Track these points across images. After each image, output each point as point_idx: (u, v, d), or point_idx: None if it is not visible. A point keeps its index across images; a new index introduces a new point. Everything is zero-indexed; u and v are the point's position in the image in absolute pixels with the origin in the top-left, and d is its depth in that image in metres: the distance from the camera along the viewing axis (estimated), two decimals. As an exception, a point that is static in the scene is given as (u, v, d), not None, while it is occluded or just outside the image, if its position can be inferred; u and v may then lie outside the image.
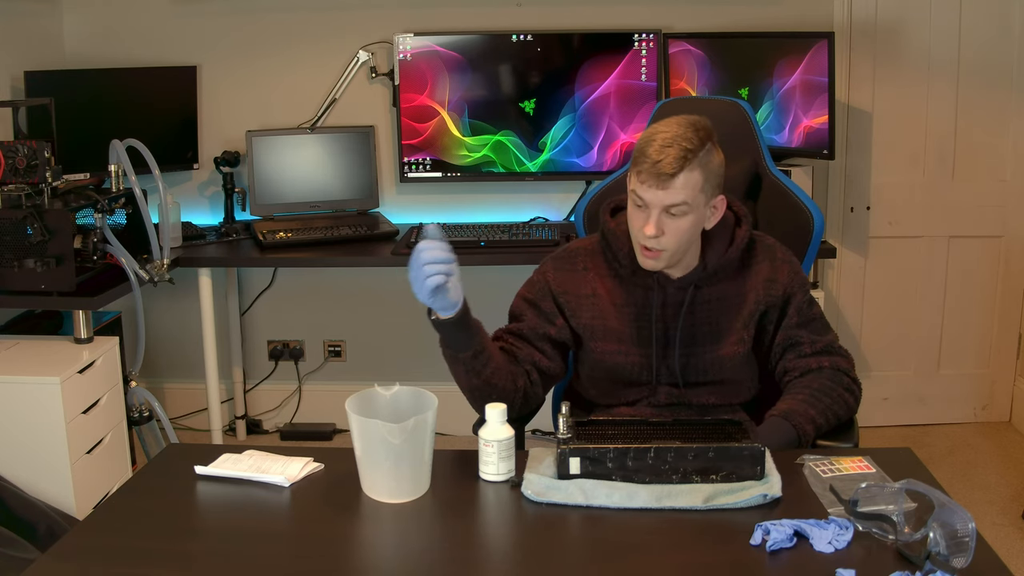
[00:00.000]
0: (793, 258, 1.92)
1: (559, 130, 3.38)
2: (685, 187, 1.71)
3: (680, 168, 1.70)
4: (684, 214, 1.74)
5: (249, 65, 3.52)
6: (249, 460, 1.67)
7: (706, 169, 1.73)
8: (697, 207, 1.75)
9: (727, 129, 2.18)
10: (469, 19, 3.42)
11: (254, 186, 3.40)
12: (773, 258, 1.89)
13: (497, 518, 1.55)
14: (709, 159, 1.74)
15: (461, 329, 1.73)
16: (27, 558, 2.15)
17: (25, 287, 2.57)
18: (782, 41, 3.18)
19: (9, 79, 3.17)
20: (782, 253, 1.91)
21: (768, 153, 2.20)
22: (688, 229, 1.76)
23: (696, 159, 1.71)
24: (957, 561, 1.27)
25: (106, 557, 1.41)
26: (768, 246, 1.91)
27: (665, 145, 1.70)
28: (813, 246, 2.14)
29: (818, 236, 2.13)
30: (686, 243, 1.79)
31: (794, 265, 1.91)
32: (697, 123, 1.75)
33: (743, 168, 2.16)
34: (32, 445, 2.45)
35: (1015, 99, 3.41)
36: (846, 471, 1.55)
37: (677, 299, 1.86)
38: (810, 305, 1.90)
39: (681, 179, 1.71)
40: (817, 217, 2.11)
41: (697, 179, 1.72)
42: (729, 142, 2.15)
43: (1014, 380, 3.65)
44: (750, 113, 2.20)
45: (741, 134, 2.19)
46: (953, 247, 3.56)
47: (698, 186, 1.73)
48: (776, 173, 2.17)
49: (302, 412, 3.77)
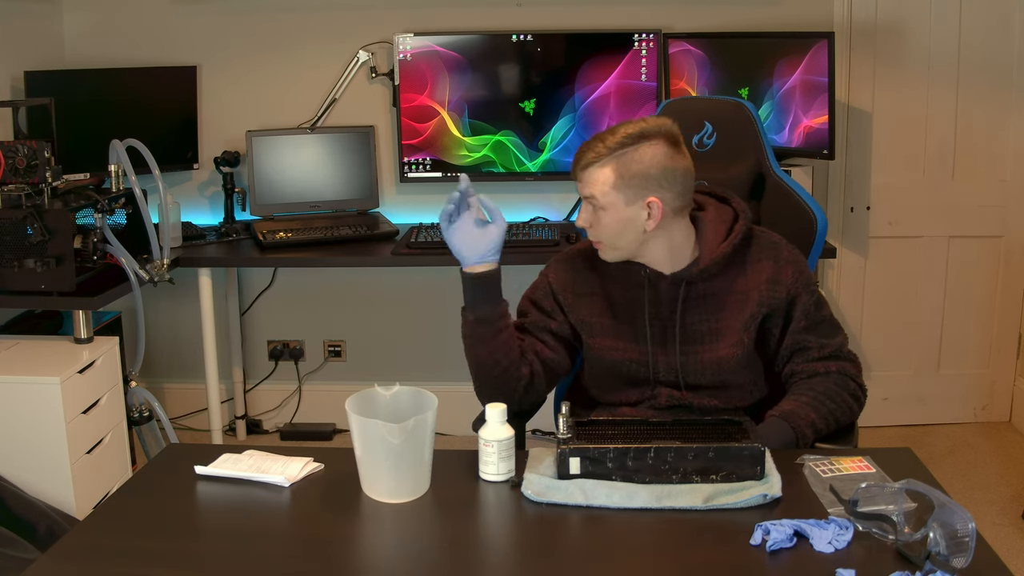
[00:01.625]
0: (799, 257, 1.89)
1: (559, 130, 3.38)
2: (594, 182, 1.78)
3: (588, 163, 1.78)
4: (601, 208, 1.79)
5: (249, 65, 3.52)
6: (249, 460, 1.67)
7: (624, 169, 1.75)
8: (612, 205, 1.77)
9: (730, 129, 2.19)
10: (469, 19, 3.42)
11: (254, 186, 3.40)
12: (777, 257, 1.86)
13: (497, 518, 1.55)
14: (630, 159, 1.75)
15: (481, 288, 1.82)
16: (27, 558, 2.15)
17: (25, 287, 2.57)
18: (782, 41, 3.18)
19: (9, 79, 3.17)
20: (787, 252, 1.88)
21: (772, 153, 2.19)
22: (611, 225, 1.79)
23: (609, 156, 1.76)
24: (957, 561, 1.27)
25: (106, 557, 1.41)
26: (772, 244, 1.88)
27: (589, 141, 1.79)
28: (816, 246, 2.12)
29: (821, 237, 2.11)
30: (618, 238, 1.81)
31: (799, 265, 1.87)
32: (639, 124, 1.78)
33: (746, 168, 2.16)
34: (32, 445, 2.45)
35: (1015, 99, 3.41)
36: (846, 471, 1.55)
37: (670, 296, 1.86)
38: (818, 307, 1.87)
39: (589, 174, 1.78)
40: (820, 218, 2.10)
41: (607, 176, 1.76)
42: (732, 142, 2.17)
43: (1014, 380, 3.65)
44: (754, 113, 2.19)
45: (744, 134, 2.18)
46: (953, 247, 3.56)
47: (608, 183, 1.76)
48: (779, 173, 2.17)
49: (302, 412, 3.77)
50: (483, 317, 1.83)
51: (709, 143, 2.23)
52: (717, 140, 2.22)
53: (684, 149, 1.81)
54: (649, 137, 1.76)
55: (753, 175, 2.17)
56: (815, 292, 1.88)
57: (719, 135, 2.21)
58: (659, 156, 1.76)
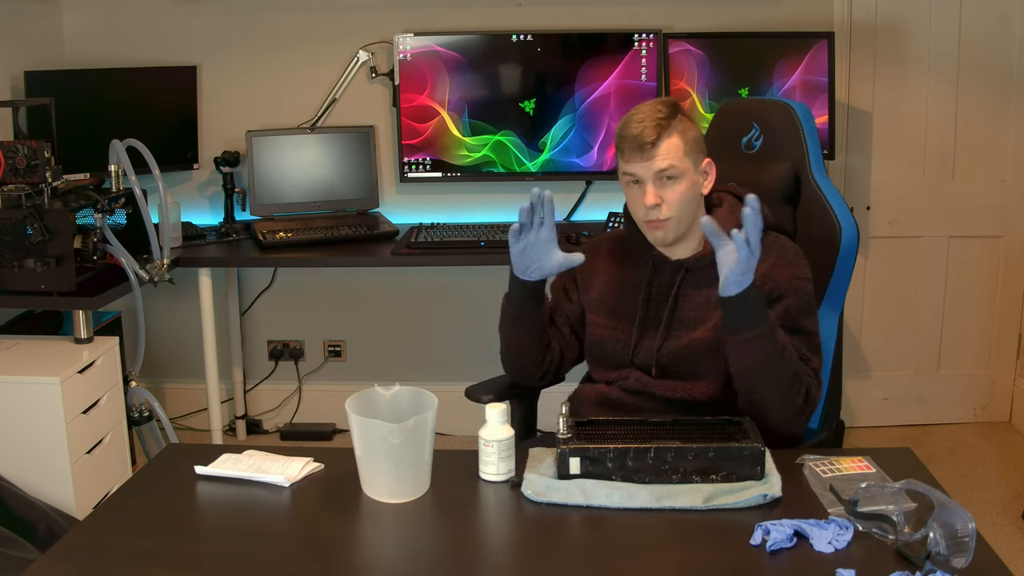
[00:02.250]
0: (803, 266, 1.85)
1: (559, 130, 3.38)
2: (668, 152, 1.81)
3: (659, 135, 1.81)
4: (675, 178, 1.82)
5: (249, 65, 3.52)
6: (249, 460, 1.67)
7: (683, 136, 1.83)
8: (686, 171, 1.83)
9: (775, 131, 2.13)
10: (469, 19, 3.42)
11: (254, 186, 3.40)
12: (780, 258, 1.85)
13: (497, 518, 1.55)
14: (684, 127, 1.84)
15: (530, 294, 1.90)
16: (27, 558, 2.15)
17: (25, 287, 2.57)
18: (782, 41, 3.18)
19: (9, 79, 3.17)
20: (793, 256, 1.85)
21: (816, 158, 2.07)
22: (685, 192, 1.83)
23: (671, 126, 1.82)
24: (957, 561, 1.27)
25: (106, 557, 1.41)
26: (781, 247, 1.87)
27: (639, 121, 1.82)
28: (841, 264, 2.00)
29: (846, 252, 2.00)
30: (687, 207, 1.84)
31: (800, 271, 1.84)
32: (663, 100, 1.88)
33: (781, 171, 2.08)
34: (32, 445, 2.45)
35: (1015, 99, 3.41)
36: (846, 471, 1.55)
37: (669, 280, 1.90)
38: (800, 315, 1.80)
39: (663, 145, 1.81)
40: (847, 230, 1.99)
41: (677, 143, 1.82)
42: (776, 145, 2.12)
43: (1014, 380, 3.65)
44: (801, 117, 2.08)
45: (785, 138, 2.09)
46: (953, 247, 3.56)
47: (680, 150, 1.82)
48: (817, 179, 2.05)
49: (302, 412, 3.77)
50: (522, 315, 1.92)
51: (756, 145, 2.16)
52: (763, 142, 2.15)
53: None
54: (680, 107, 1.87)
55: (789, 179, 2.08)
56: (806, 304, 1.82)
57: (765, 137, 2.14)
58: (695, 126, 1.88)
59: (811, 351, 1.81)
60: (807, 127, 2.08)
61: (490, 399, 2.07)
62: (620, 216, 3.17)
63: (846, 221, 2.01)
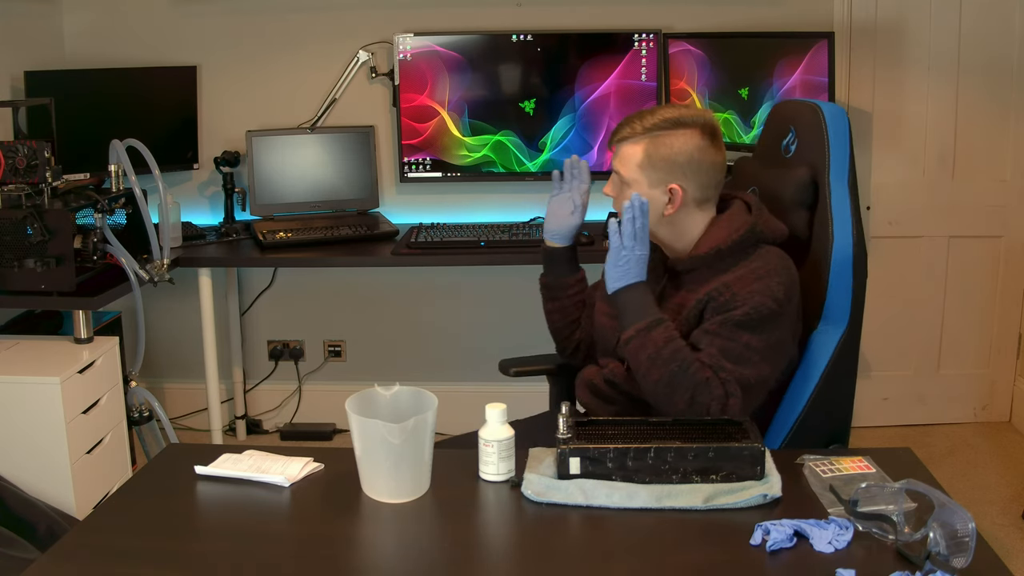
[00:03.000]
0: (776, 284, 1.75)
1: (559, 130, 3.38)
2: (623, 157, 1.85)
3: (623, 138, 1.84)
4: (626, 184, 1.85)
5: (249, 65, 3.52)
6: (249, 460, 1.67)
7: (653, 151, 1.81)
8: (636, 183, 1.84)
9: (803, 134, 2.00)
10: (469, 19, 3.42)
11: (254, 186, 3.40)
12: (753, 271, 1.78)
13: (497, 518, 1.55)
14: (661, 143, 1.81)
15: (548, 259, 2.10)
16: (27, 558, 2.15)
17: (25, 287, 2.57)
18: (782, 41, 3.17)
19: (9, 79, 3.17)
20: (767, 272, 1.77)
21: (838, 163, 1.90)
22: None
23: (643, 136, 1.81)
24: (957, 561, 1.27)
25: (106, 557, 1.41)
26: (765, 260, 1.79)
27: (631, 115, 1.84)
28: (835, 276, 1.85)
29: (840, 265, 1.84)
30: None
31: (768, 287, 1.74)
32: (679, 110, 1.83)
33: (798, 177, 1.95)
34: (32, 445, 2.45)
35: (1015, 99, 3.41)
36: (846, 471, 1.55)
37: (658, 281, 1.92)
38: (742, 328, 1.72)
39: (622, 147, 1.85)
40: (839, 242, 1.85)
41: (637, 154, 1.82)
42: (803, 148, 2.00)
43: (1014, 380, 3.65)
44: (828, 120, 1.91)
45: (812, 141, 1.95)
46: (953, 247, 3.56)
47: (635, 161, 1.82)
48: (832, 186, 1.89)
49: (302, 412, 3.77)
50: (546, 283, 2.11)
51: (792, 149, 2.03)
52: (797, 147, 2.01)
53: (721, 144, 1.85)
54: (685, 125, 1.81)
55: (805, 185, 1.93)
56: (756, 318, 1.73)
57: (799, 141, 2.01)
58: (690, 145, 1.81)
59: (733, 361, 1.72)
60: (832, 130, 1.91)
61: (516, 372, 2.28)
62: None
63: (842, 232, 1.86)
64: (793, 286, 1.80)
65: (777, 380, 1.86)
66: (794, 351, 1.88)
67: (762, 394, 1.82)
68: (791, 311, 1.80)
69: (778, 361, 1.81)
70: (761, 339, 1.75)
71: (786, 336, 1.81)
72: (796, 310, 1.84)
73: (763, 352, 1.75)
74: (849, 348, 1.89)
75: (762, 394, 1.82)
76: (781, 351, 1.81)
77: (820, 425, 1.91)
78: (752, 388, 1.75)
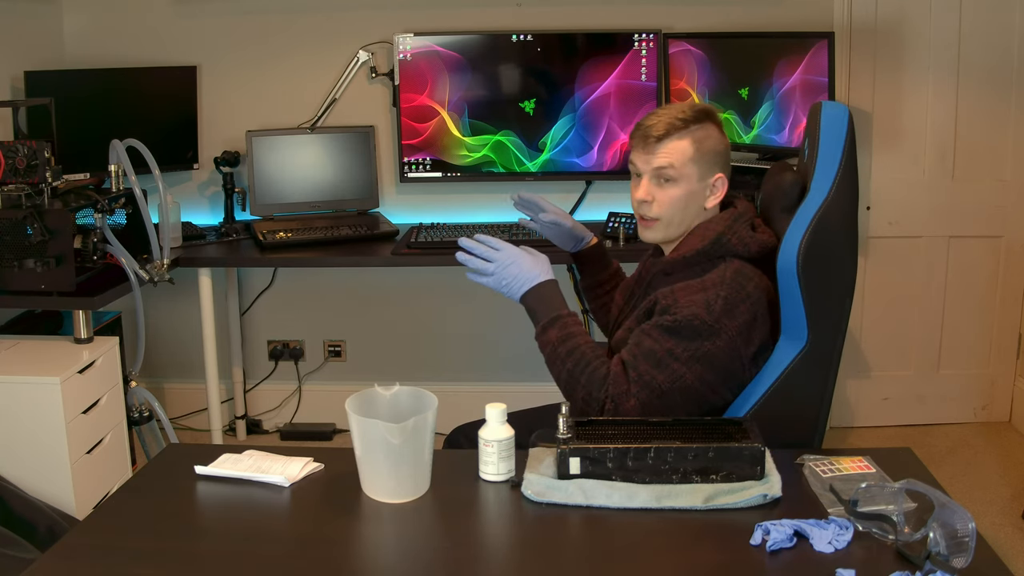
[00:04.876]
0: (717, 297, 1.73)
1: (559, 130, 3.38)
2: (672, 152, 1.80)
3: (667, 132, 1.80)
4: (672, 180, 1.81)
5: (249, 65, 3.52)
6: (249, 460, 1.67)
7: (698, 143, 1.81)
8: (686, 177, 1.81)
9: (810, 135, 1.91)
10: (469, 19, 3.42)
11: (254, 186, 3.40)
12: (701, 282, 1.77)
13: (497, 518, 1.55)
14: (703, 135, 1.82)
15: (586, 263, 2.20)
16: (27, 558, 2.15)
17: (25, 287, 2.57)
18: (782, 41, 3.18)
19: (9, 79, 3.17)
20: (713, 284, 1.75)
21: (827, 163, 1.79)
22: (679, 198, 1.82)
23: (686, 130, 1.80)
24: (957, 561, 1.27)
25: (106, 557, 1.41)
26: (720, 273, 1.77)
27: (657, 115, 1.82)
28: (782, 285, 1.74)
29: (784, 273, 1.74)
30: (679, 214, 1.84)
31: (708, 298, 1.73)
32: (698, 104, 1.86)
33: (784, 181, 1.91)
34: (32, 445, 2.45)
35: (1015, 99, 3.41)
36: (846, 471, 1.55)
37: (646, 277, 1.94)
38: (667, 332, 1.73)
39: (668, 143, 1.80)
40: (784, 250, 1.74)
41: (685, 148, 1.80)
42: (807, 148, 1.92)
43: (1014, 380, 3.65)
44: (822, 117, 1.82)
45: (808, 142, 1.89)
46: (953, 247, 3.56)
47: (686, 155, 1.80)
48: (812, 188, 1.79)
49: (302, 412, 3.77)
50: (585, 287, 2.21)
51: (806, 151, 1.92)
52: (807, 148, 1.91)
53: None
54: (712, 116, 1.84)
55: (789, 189, 1.88)
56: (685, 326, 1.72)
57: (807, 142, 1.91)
58: (722, 136, 1.86)
59: (652, 364, 1.72)
60: (825, 128, 1.80)
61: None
62: (621, 216, 3.17)
63: (791, 239, 1.75)
64: (744, 303, 1.75)
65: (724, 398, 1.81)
66: (753, 369, 1.81)
67: (691, 404, 1.76)
68: (737, 327, 1.74)
69: (708, 374, 1.74)
70: (687, 348, 1.73)
71: (722, 351, 1.74)
72: (751, 327, 1.76)
73: (686, 361, 1.73)
74: (807, 367, 1.76)
75: (691, 404, 1.76)
76: (716, 365, 1.74)
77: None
78: (666, 394, 1.73)
